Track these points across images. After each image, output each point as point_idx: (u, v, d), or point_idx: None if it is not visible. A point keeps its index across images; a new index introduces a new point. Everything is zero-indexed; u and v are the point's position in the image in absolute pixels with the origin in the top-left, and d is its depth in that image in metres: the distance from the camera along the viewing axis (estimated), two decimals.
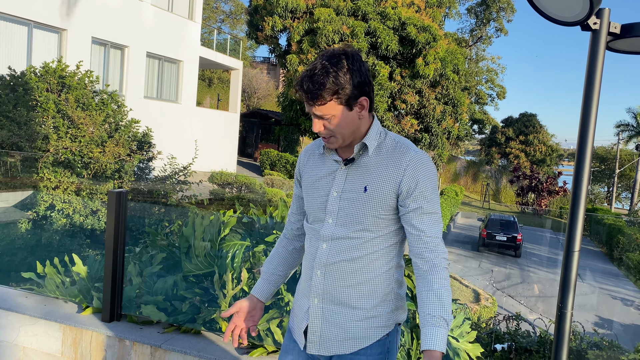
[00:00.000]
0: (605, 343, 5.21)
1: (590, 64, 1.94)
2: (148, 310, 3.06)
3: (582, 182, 1.93)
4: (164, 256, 3.09)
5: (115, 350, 3.01)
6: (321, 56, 1.58)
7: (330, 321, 1.69)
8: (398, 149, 1.66)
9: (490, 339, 5.64)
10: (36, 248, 6.06)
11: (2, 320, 3.30)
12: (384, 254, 1.68)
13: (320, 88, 1.53)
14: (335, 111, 1.57)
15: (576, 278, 1.95)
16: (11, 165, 6.31)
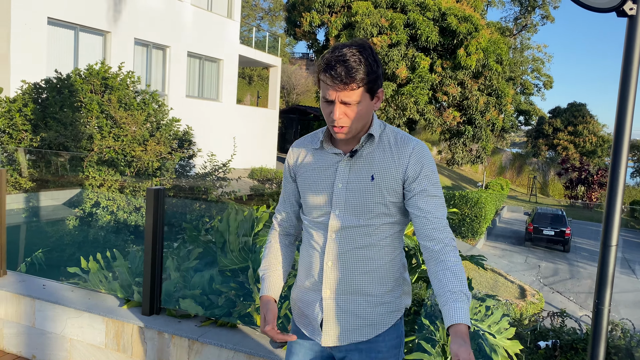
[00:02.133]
0: None
1: (627, 50, 1.86)
2: (186, 304, 3.14)
3: (618, 174, 1.85)
4: (200, 251, 3.16)
5: (155, 343, 3.11)
6: (344, 45, 1.59)
7: (346, 310, 1.69)
8: (400, 139, 1.69)
9: (533, 336, 5.49)
10: (83, 244, 6.32)
11: (50, 313, 3.46)
12: (392, 241, 1.71)
13: (355, 73, 1.54)
14: (361, 98, 1.58)
15: (614, 273, 1.87)
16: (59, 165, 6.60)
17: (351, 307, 1.70)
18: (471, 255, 3.53)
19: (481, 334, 2.98)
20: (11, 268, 4.03)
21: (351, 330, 1.70)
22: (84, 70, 7.58)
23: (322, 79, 1.59)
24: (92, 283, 3.58)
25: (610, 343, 5.11)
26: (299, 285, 1.83)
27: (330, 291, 1.71)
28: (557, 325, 5.63)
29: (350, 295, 1.69)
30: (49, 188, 7.34)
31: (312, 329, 1.77)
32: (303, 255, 1.81)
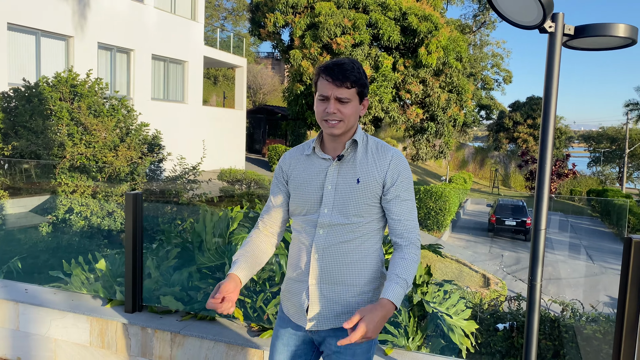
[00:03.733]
0: (602, 318, 5.44)
1: (548, 62, 2.17)
2: (167, 300, 3.34)
3: (545, 169, 2.17)
4: (178, 251, 3.36)
5: (138, 338, 3.30)
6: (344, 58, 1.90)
7: (329, 298, 1.91)
8: (380, 147, 1.96)
9: (493, 319, 5.88)
10: (57, 250, 6.39)
11: (34, 315, 3.61)
12: (372, 237, 1.93)
13: (350, 74, 1.84)
14: (353, 98, 1.87)
15: (544, 253, 2.19)
16: (32, 173, 6.63)
17: (333, 295, 1.91)
18: (429, 244, 3.85)
19: (439, 315, 3.28)
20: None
21: (332, 317, 1.91)
22: (52, 78, 7.60)
23: (321, 78, 1.87)
24: (74, 285, 3.74)
25: (562, 322, 5.53)
26: (288, 278, 2.05)
27: (316, 280, 1.92)
28: (514, 309, 6.04)
29: (333, 284, 1.91)
30: (15, 196, 7.34)
31: (298, 315, 1.98)
32: (292, 251, 2.03)
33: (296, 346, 2.01)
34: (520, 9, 2.16)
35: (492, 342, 5.60)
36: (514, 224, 21.93)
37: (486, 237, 22.48)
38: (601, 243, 22.66)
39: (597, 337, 5.26)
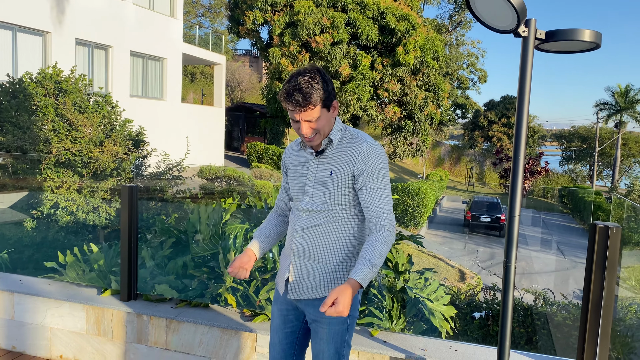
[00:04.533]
0: (572, 306, 5.74)
1: (522, 64, 2.39)
2: (161, 288, 3.48)
3: (519, 162, 2.38)
4: (173, 241, 3.50)
5: (134, 325, 3.44)
6: (298, 73, 2.00)
7: (306, 272, 2.15)
8: (354, 140, 2.12)
9: (469, 309, 6.14)
10: (42, 245, 6.42)
11: (30, 305, 3.70)
12: (348, 221, 2.14)
13: (309, 97, 1.97)
14: (320, 113, 2.02)
15: (517, 237, 2.41)
16: (12, 167, 6.63)
17: (310, 270, 2.15)
18: (411, 235, 4.06)
19: (421, 300, 3.49)
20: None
21: (307, 289, 2.16)
22: (36, 74, 7.59)
23: (285, 106, 2.05)
24: (69, 276, 3.85)
25: (534, 310, 5.82)
26: (283, 251, 2.32)
27: (297, 257, 2.17)
28: (490, 299, 6.32)
29: (310, 261, 2.14)
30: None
31: (281, 284, 2.27)
32: (288, 230, 2.29)
33: (287, 311, 2.27)
34: (497, 14, 2.37)
35: (469, 329, 5.86)
36: (489, 221, 22.45)
37: (462, 233, 22.97)
38: (572, 238, 23.36)
39: (567, 323, 5.56)
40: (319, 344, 2.16)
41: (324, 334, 2.14)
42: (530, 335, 5.61)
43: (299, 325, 2.29)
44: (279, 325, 2.30)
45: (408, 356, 2.85)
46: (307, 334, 2.32)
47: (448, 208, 30.23)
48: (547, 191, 38.91)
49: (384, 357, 2.91)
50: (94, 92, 8.15)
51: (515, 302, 6.00)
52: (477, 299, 6.36)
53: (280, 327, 2.29)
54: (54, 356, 3.68)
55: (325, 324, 2.13)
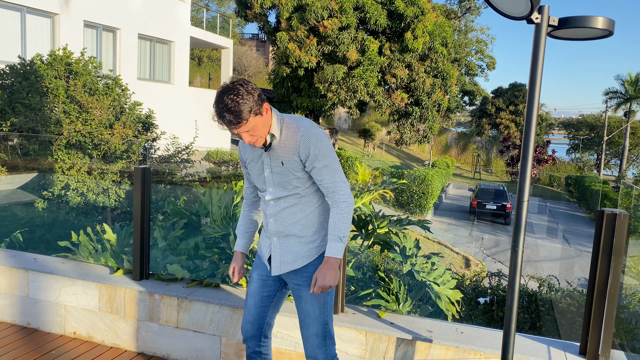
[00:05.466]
0: (577, 293, 5.79)
1: (534, 50, 2.40)
2: (173, 268, 3.55)
3: (529, 147, 2.41)
4: (185, 222, 3.56)
5: (146, 304, 3.51)
6: (222, 93, 2.11)
7: (285, 249, 2.41)
8: (292, 129, 2.27)
9: (474, 294, 6.20)
10: (53, 225, 6.51)
11: (44, 283, 3.79)
12: (312, 197, 2.36)
13: (240, 115, 2.09)
14: (255, 122, 2.15)
15: (526, 222, 2.45)
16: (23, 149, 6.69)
17: (287, 246, 2.40)
18: (418, 220, 4.10)
19: (428, 284, 3.55)
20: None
21: (287, 263, 2.41)
22: (47, 56, 7.62)
23: (220, 127, 2.19)
24: (82, 255, 3.92)
25: (539, 297, 5.87)
26: (262, 232, 2.56)
27: (275, 238, 2.43)
28: (495, 285, 6.37)
29: (287, 238, 2.40)
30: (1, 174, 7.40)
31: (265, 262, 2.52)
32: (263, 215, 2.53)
33: (267, 277, 2.52)
34: (510, 1, 2.39)
35: (474, 315, 5.93)
36: (495, 208, 22.46)
37: (467, 220, 23.00)
38: (578, 227, 23.35)
39: (571, 310, 5.61)
40: (304, 307, 2.40)
41: (307, 296, 2.38)
42: (535, 321, 5.67)
43: (276, 290, 2.53)
44: (257, 289, 2.53)
45: (415, 337, 2.91)
46: (280, 300, 2.57)
47: (454, 195, 30.23)
48: (554, 179, 38.79)
49: (391, 338, 2.97)
50: (103, 74, 8.19)
51: (520, 289, 6.05)
52: (482, 285, 6.42)
53: (257, 291, 2.53)
54: (68, 333, 3.77)
55: (307, 286, 2.38)
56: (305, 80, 24.37)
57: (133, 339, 3.57)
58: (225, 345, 3.32)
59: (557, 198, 32.83)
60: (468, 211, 24.22)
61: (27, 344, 3.63)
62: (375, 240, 4.06)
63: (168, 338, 3.48)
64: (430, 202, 21.89)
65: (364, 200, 4.14)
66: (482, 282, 6.68)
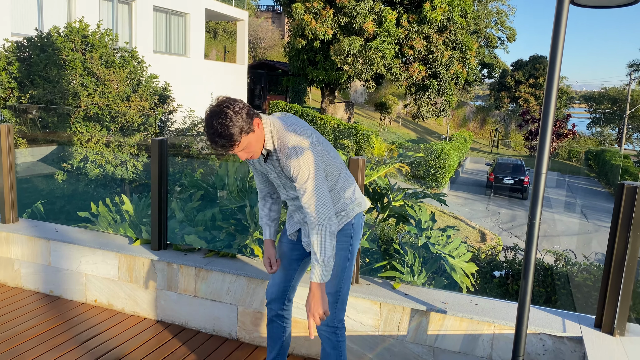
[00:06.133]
0: (594, 267, 5.75)
1: (556, 18, 2.34)
2: (191, 239, 3.60)
3: (548, 117, 2.37)
4: (202, 193, 3.59)
5: (164, 273, 3.58)
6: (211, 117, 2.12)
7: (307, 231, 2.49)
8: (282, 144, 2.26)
9: (489, 268, 6.20)
10: (73, 197, 6.62)
11: (65, 252, 3.87)
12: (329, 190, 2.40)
13: (231, 138, 2.10)
14: (247, 140, 2.17)
15: (543, 195, 2.42)
16: (41, 121, 6.78)
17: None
18: (434, 193, 4.09)
19: (443, 256, 3.55)
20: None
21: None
22: (64, 29, 7.64)
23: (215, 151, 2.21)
24: (101, 226, 3.99)
25: (555, 271, 5.85)
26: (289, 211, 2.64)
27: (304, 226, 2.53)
28: (510, 258, 6.36)
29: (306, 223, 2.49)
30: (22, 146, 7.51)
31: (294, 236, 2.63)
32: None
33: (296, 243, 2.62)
34: None
35: (488, 288, 5.94)
36: (512, 183, 22.26)
37: (484, 195, 22.86)
38: (596, 202, 23.07)
39: (587, 284, 5.59)
40: None
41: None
42: (550, 295, 5.66)
43: (303, 254, 2.61)
44: (286, 253, 2.60)
45: (429, 308, 2.93)
46: (306, 265, 2.65)
47: (471, 170, 29.99)
48: (573, 154, 38.20)
49: (405, 308, 2.99)
50: (119, 47, 8.19)
51: (536, 262, 6.03)
52: (498, 259, 6.41)
53: (286, 254, 2.60)
54: (89, 300, 3.87)
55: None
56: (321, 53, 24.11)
57: (152, 307, 3.66)
58: (241, 314, 3.39)
59: (576, 173, 32.40)
60: (485, 185, 24.05)
61: (50, 310, 3.73)
62: (391, 213, 4.06)
63: (186, 306, 3.55)
64: (447, 177, 21.76)
65: (379, 173, 4.13)
66: (497, 255, 6.67)
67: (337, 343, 2.48)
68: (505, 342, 2.80)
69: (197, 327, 3.54)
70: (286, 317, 2.67)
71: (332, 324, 2.45)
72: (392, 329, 3.03)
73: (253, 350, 3.32)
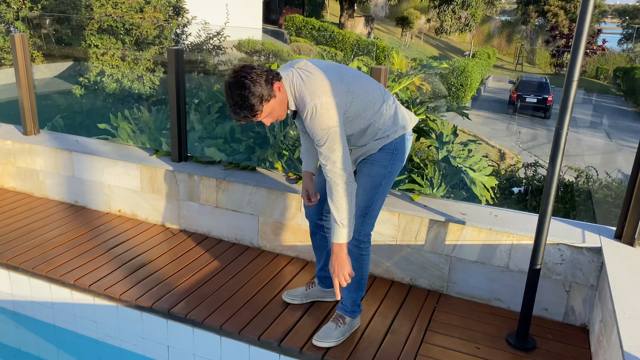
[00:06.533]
0: (615, 184, 5.69)
1: None
2: (211, 151, 3.61)
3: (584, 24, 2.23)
4: (220, 105, 3.55)
5: (186, 184, 3.63)
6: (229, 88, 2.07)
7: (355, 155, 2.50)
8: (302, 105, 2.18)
9: (508, 184, 6.18)
10: (91, 112, 6.64)
11: (87, 164, 3.93)
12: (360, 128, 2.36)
13: (252, 108, 2.07)
14: (270, 107, 2.13)
15: (573, 104, 2.32)
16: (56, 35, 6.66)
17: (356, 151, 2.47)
18: (457, 106, 3.98)
19: (463, 170, 3.52)
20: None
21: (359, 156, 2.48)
22: None
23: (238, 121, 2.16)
24: (121, 138, 4.01)
25: (575, 187, 5.81)
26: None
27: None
28: (530, 175, 6.31)
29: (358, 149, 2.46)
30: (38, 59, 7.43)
31: None
32: None
33: None
34: None
35: (507, 204, 5.94)
36: (535, 101, 21.70)
37: (505, 114, 22.39)
38: (622, 122, 22.51)
39: (608, 201, 5.56)
40: (359, 179, 2.44)
41: (366, 171, 2.43)
42: (569, 211, 5.66)
43: None
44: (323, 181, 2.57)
45: (448, 219, 2.94)
46: None
47: (493, 88, 29.22)
48: (601, 72, 36.78)
49: (424, 219, 3.01)
50: None
51: None
52: (517, 175, 6.37)
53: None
54: (113, 210, 3.97)
55: (369, 164, 2.44)
56: None
57: (175, 217, 3.74)
58: (262, 224, 3.45)
59: (604, 92, 31.37)
60: (507, 104, 23.49)
61: (76, 219, 3.85)
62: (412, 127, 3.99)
63: (208, 217, 3.63)
64: (469, 95, 21.27)
65: (401, 85, 4.02)
66: (517, 172, 6.62)
67: (360, 256, 2.52)
68: (523, 252, 2.82)
69: (220, 236, 3.64)
70: (327, 227, 2.69)
71: (357, 236, 2.47)
72: (410, 239, 3.07)
73: (274, 258, 3.41)
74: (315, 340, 2.53)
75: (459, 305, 2.96)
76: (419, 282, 3.13)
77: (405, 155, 2.48)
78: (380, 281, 3.18)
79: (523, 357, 2.54)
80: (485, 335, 2.69)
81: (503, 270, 2.89)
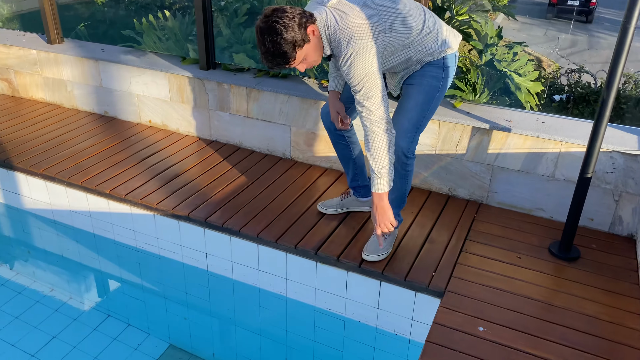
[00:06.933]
0: None
1: None
2: (239, 58, 3.44)
3: None
4: (248, 7, 3.33)
5: (215, 93, 3.51)
6: (261, 34, 1.94)
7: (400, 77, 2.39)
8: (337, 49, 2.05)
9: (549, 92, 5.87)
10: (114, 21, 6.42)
11: (114, 73, 3.82)
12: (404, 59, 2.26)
13: (285, 55, 1.95)
14: (304, 52, 2.00)
15: None
16: None
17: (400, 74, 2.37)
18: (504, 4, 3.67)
19: (508, 74, 3.30)
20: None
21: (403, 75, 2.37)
22: None
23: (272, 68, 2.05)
24: (146, 45, 3.86)
25: (622, 94, 5.48)
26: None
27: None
28: (573, 81, 5.97)
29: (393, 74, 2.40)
30: None
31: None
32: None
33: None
34: None
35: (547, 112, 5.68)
36: (577, 4, 20.29)
37: (544, 19, 21.09)
38: None
39: None
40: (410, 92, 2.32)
41: (417, 84, 2.30)
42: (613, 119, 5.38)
43: None
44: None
45: (492, 126, 2.78)
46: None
47: None
48: None
49: (466, 127, 2.86)
50: None
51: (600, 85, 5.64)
52: (559, 82, 6.04)
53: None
54: (144, 121, 3.91)
55: (419, 77, 2.30)
56: None
57: (206, 127, 3.67)
58: (295, 134, 3.35)
59: None
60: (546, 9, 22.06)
61: (107, 130, 3.81)
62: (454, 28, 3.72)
63: (239, 127, 3.54)
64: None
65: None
66: (559, 79, 6.27)
67: (405, 173, 2.42)
68: (572, 160, 2.68)
69: (252, 147, 3.57)
70: (348, 136, 2.60)
71: (405, 153, 2.33)
72: (450, 148, 2.94)
73: (307, 169, 3.35)
74: (365, 255, 2.49)
75: (500, 215, 2.87)
76: (458, 192, 3.04)
77: (453, 73, 2.34)
78: (418, 191, 3.10)
79: (566, 266, 2.48)
80: (527, 244, 2.63)
81: (548, 179, 2.76)
